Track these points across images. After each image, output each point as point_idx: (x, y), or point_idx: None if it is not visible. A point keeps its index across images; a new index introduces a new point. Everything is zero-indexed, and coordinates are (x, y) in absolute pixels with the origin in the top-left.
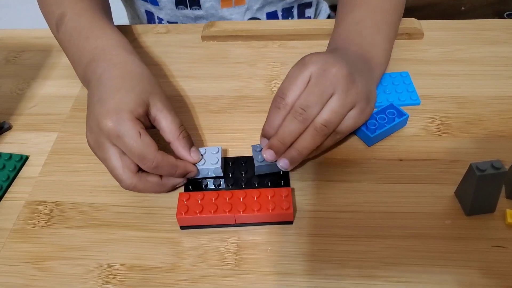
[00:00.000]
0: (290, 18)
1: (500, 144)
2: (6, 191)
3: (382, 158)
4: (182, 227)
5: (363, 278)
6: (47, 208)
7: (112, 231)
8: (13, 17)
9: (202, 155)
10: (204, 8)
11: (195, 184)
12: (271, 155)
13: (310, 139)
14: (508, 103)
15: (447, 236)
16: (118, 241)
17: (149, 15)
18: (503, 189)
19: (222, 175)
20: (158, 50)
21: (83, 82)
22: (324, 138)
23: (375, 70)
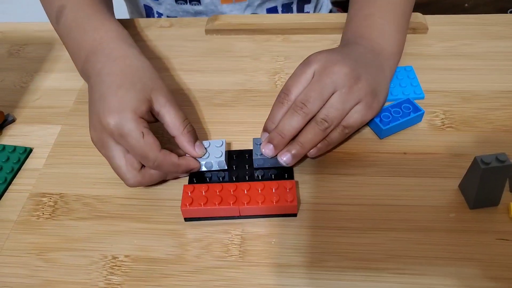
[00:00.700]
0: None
1: (504, 138)
2: (10, 183)
3: (386, 151)
4: (187, 219)
5: (366, 270)
6: (51, 200)
7: (116, 223)
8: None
9: (206, 148)
10: (204, 4)
11: (199, 176)
12: (270, 149)
13: (311, 133)
14: None
15: (451, 229)
16: (122, 232)
17: (148, 9)
18: (507, 182)
19: (226, 168)
20: (162, 44)
21: (82, 76)
22: (326, 133)
23: (387, 61)
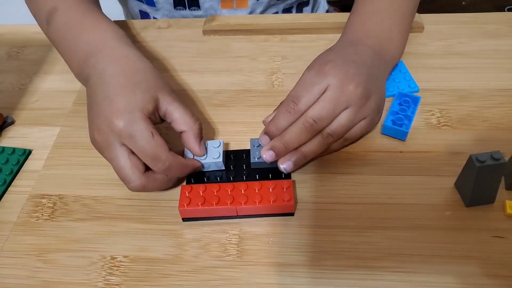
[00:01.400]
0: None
1: (500, 136)
2: (9, 184)
3: (383, 150)
4: (184, 219)
5: (364, 268)
6: (50, 201)
7: (115, 223)
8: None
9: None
10: (203, 9)
11: (197, 177)
12: (270, 155)
13: (316, 145)
14: (508, 95)
15: (447, 227)
16: (121, 233)
17: (144, 15)
18: (502, 180)
19: (223, 168)
20: (159, 44)
21: (79, 78)
22: (329, 145)
23: (389, 66)
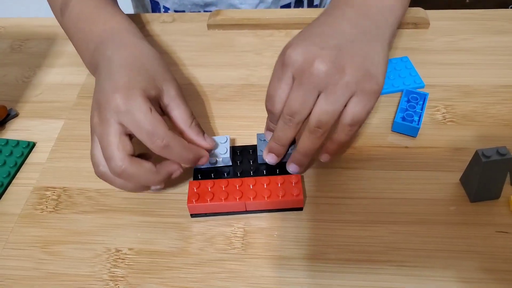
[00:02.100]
0: (298, 7)
1: (505, 132)
2: (14, 177)
3: (388, 145)
4: (193, 215)
5: (368, 262)
6: (54, 193)
7: (120, 216)
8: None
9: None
10: None
11: (204, 173)
12: (272, 158)
13: (308, 141)
14: None
15: (451, 222)
16: (126, 226)
17: (154, 4)
18: (507, 176)
19: (230, 164)
20: (164, 38)
21: (90, 67)
22: (324, 137)
23: (383, 23)
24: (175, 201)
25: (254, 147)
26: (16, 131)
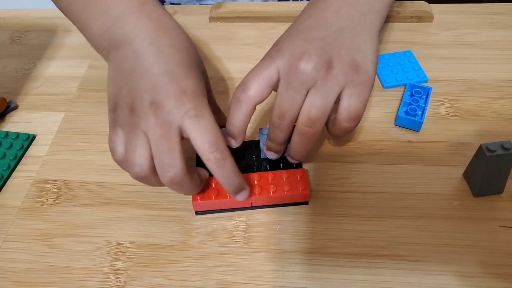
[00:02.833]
0: (300, 0)
1: (509, 127)
2: (14, 169)
3: (392, 140)
4: (198, 213)
5: (371, 257)
6: (55, 186)
7: (121, 209)
8: None
9: None
10: None
11: (207, 170)
12: (272, 154)
13: (300, 145)
14: None
15: (455, 217)
16: (127, 219)
17: None
18: (511, 170)
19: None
20: None
21: (102, 40)
22: (315, 138)
23: (372, 11)
24: (177, 194)
25: (256, 143)
26: (16, 124)
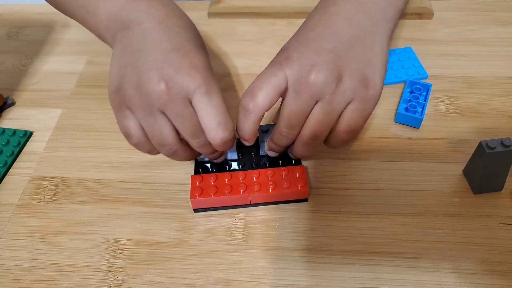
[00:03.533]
0: None
1: (509, 124)
2: (10, 166)
3: (391, 136)
4: (196, 210)
5: (370, 254)
6: (52, 183)
7: (119, 206)
8: None
9: None
10: None
11: (204, 167)
12: (272, 154)
13: (301, 151)
14: None
15: (454, 214)
16: (125, 216)
17: None
18: (511, 167)
19: (237, 158)
20: None
21: (110, 20)
22: (317, 145)
23: (382, 21)
24: (175, 191)
25: (256, 139)
26: (13, 120)
